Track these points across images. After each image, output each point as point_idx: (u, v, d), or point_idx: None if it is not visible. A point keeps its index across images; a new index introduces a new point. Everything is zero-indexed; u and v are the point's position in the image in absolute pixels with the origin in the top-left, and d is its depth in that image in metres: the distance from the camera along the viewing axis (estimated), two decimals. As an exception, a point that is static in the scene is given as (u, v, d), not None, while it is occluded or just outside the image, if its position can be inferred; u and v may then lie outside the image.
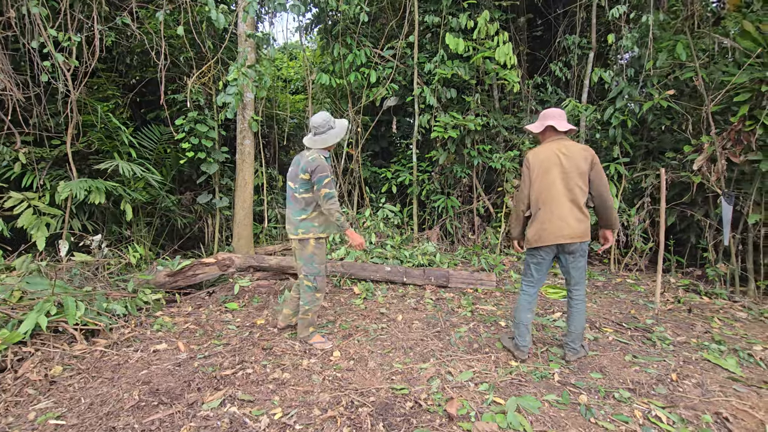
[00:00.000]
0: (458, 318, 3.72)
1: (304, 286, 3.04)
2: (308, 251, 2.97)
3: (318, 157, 2.85)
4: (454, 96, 5.99)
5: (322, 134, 2.92)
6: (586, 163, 2.69)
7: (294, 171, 2.97)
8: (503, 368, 2.76)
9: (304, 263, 3.00)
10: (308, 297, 3.05)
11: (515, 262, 5.82)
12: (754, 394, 2.41)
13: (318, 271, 3.01)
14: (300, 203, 2.93)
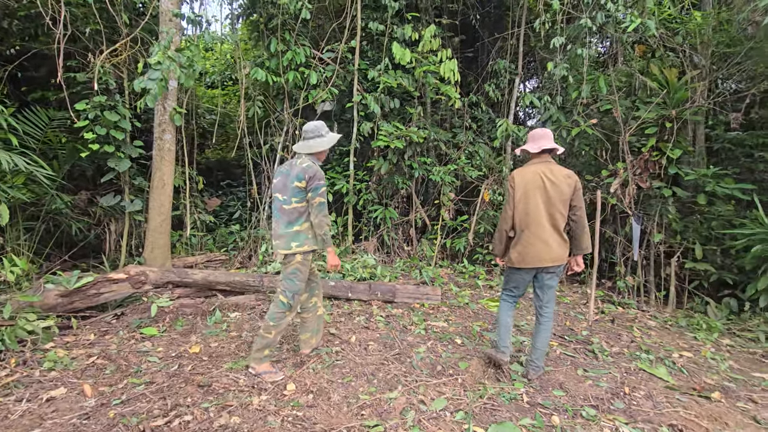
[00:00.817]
0: (413, 337, 3.57)
1: (278, 301, 2.79)
2: (292, 266, 2.76)
3: (313, 164, 2.75)
4: (397, 106, 5.93)
5: (309, 140, 2.82)
6: (570, 189, 2.73)
7: (282, 181, 2.81)
8: (472, 391, 2.66)
9: (284, 278, 2.79)
10: (277, 313, 2.77)
11: (452, 275, 5.90)
12: (695, 403, 2.64)
13: (298, 289, 2.80)
14: (291, 215, 2.74)
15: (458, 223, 6.48)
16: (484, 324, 4.03)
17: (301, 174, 2.70)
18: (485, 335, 3.69)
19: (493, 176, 6.25)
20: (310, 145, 2.81)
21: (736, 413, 2.55)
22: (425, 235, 6.79)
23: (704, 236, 5.18)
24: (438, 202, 6.48)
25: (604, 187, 5.49)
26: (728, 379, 3.14)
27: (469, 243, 6.17)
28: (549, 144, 2.82)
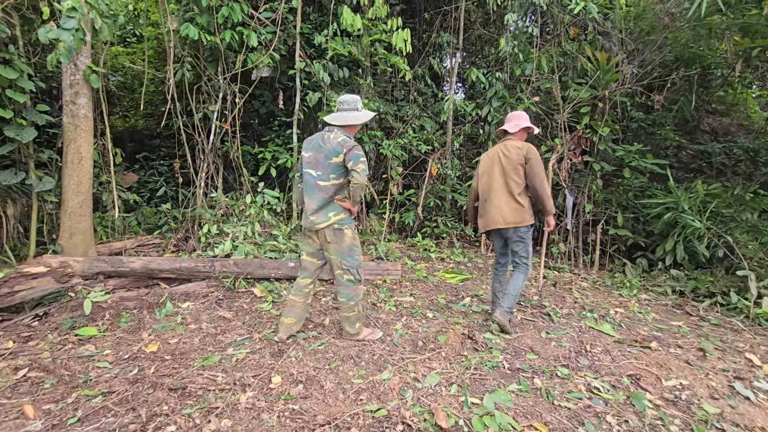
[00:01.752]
0: (385, 314, 3.56)
1: (345, 282, 2.80)
2: (346, 243, 2.74)
3: (349, 138, 2.67)
4: (346, 76, 5.64)
5: (344, 111, 2.74)
6: (519, 157, 3.13)
7: (315, 156, 2.69)
8: (457, 363, 2.74)
9: (342, 257, 2.75)
10: (351, 292, 2.82)
11: (404, 249, 5.97)
12: (642, 353, 3.02)
13: (360, 263, 2.82)
14: (327, 191, 2.67)
15: (406, 197, 6.52)
16: (447, 296, 4.16)
17: (338, 148, 2.60)
18: (452, 307, 3.81)
19: (440, 150, 6.34)
20: (345, 118, 2.70)
21: (673, 359, 2.97)
22: (372, 210, 6.74)
23: (623, 206, 5.86)
24: (386, 176, 6.43)
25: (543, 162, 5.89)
26: (656, 329, 3.65)
27: (419, 217, 6.27)
28: (525, 123, 3.28)
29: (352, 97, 2.76)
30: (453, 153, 6.33)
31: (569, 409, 2.29)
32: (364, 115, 2.79)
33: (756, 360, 3.09)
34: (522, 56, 5.50)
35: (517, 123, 3.29)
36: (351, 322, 2.89)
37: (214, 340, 2.93)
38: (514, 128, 3.29)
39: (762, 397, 2.56)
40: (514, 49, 5.36)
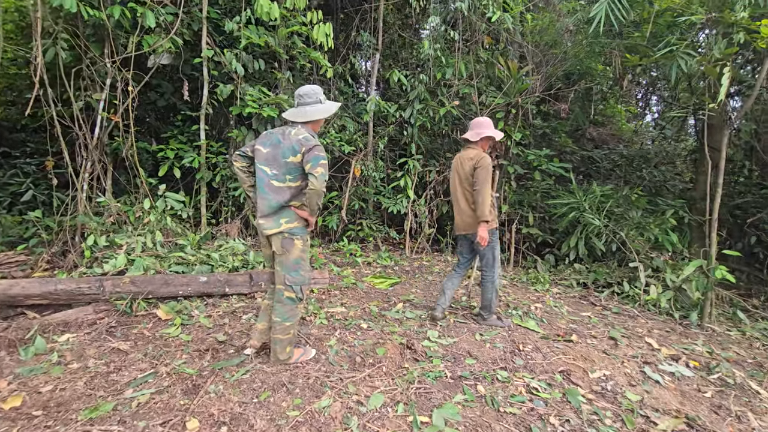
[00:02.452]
0: (317, 329, 3.26)
1: (285, 299, 2.50)
2: (294, 255, 2.45)
3: (311, 137, 2.37)
4: (262, 68, 5.17)
5: (305, 106, 2.44)
6: (470, 168, 3.27)
7: (272, 153, 2.39)
8: (400, 378, 2.58)
9: (287, 272, 2.47)
10: (289, 311, 2.51)
11: (328, 254, 5.69)
12: (569, 348, 3.17)
13: (305, 280, 2.54)
14: (282, 194, 2.39)
15: (328, 200, 6.24)
16: (379, 303, 4.00)
17: (296, 146, 2.32)
18: (386, 315, 3.66)
19: (363, 151, 6.18)
20: (308, 113, 2.42)
21: (592, 350, 3.18)
22: (293, 214, 6.33)
23: (532, 206, 6.31)
24: (308, 178, 6.07)
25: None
26: (571, 321, 3.91)
27: (343, 220, 6.04)
28: (487, 132, 3.32)
29: (312, 88, 2.47)
30: (377, 154, 6.22)
31: (515, 415, 2.26)
32: (329, 108, 2.50)
33: (654, 344, 3.45)
34: (444, 60, 5.60)
35: (478, 132, 3.32)
36: (282, 346, 2.55)
37: (105, 381, 2.37)
38: (475, 137, 3.33)
39: (668, 379, 2.83)
40: (436, 52, 5.42)
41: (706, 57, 4.21)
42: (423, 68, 5.92)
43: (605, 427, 2.19)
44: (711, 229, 4.40)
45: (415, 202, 6.24)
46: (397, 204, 5.96)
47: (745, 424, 2.36)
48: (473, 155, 3.27)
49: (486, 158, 3.21)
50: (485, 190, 3.15)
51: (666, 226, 5.35)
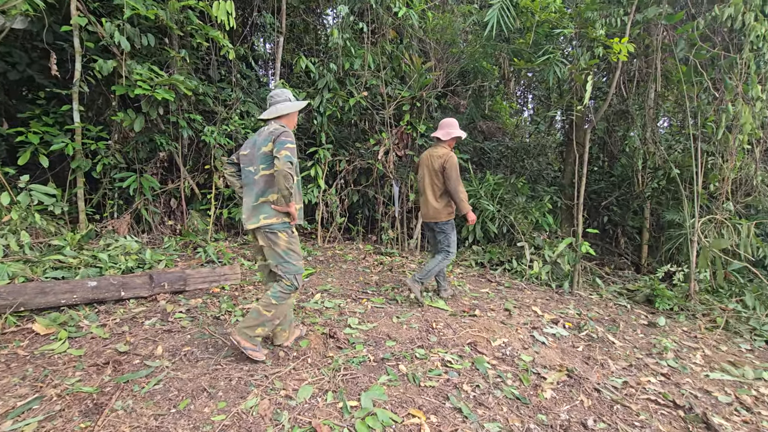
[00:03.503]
0: (233, 328, 3.12)
1: (283, 285, 2.59)
2: (281, 247, 2.56)
3: (281, 126, 2.53)
4: (152, 44, 4.60)
5: (275, 104, 2.67)
6: (438, 165, 3.66)
7: (251, 152, 2.60)
8: (326, 367, 2.63)
9: (278, 262, 2.58)
10: (281, 292, 2.58)
11: (236, 248, 5.41)
12: (474, 322, 3.55)
13: (299, 269, 2.64)
14: (259, 185, 2.54)
15: (233, 191, 5.89)
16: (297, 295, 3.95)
17: (268, 137, 2.50)
18: (305, 306, 3.65)
19: (271, 140, 5.93)
20: (278, 109, 2.65)
21: (492, 322, 3.61)
22: (192, 206, 5.84)
23: (436, 194, 6.76)
24: (209, 167, 5.64)
25: (372, 154, 6.23)
26: (474, 298, 4.37)
27: (251, 212, 5.75)
28: (455, 132, 3.76)
29: (281, 90, 2.76)
30: (285, 143, 6.02)
31: (434, 387, 2.49)
32: (297, 104, 2.73)
33: (539, 311, 4.05)
34: (353, 50, 5.62)
35: (448, 131, 3.76)
36: (253, 322, 2.52)
37: (-26, 417, 1.98)
38: (446, 136, 3.74)
39: (551, 339, 3.37)
40: (346, 42, 5.41)
41: (575, 66, 4.94)
42: (330, 56, 5.86)
43: (507, 387, 2.54)
44: (578, 212, 5.26)
45: (326, 192, 6.24)
46: (308, 194, 5.88)
47: (606, 369, 2.95)
48: (442, 154, 3.67)
49: (453, 157, 3.64)
50: (459, 187, 3.63)
51: (544, 210, 6.23)
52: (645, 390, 2.67)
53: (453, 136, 3.77)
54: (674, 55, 5.03)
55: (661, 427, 2.22)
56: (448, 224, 3.86)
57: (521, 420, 2.21)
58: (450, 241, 3.88)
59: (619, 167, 7.71)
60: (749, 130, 4.59)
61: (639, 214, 7.07)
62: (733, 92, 4.76)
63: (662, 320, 4.15)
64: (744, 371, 3.14)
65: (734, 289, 5.06)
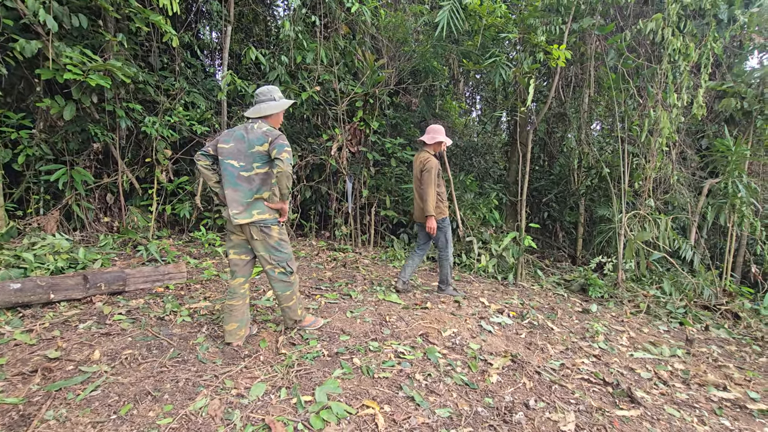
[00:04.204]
0: (180, 328, 2.99)
1: (277, 276, 2.80)
2: (273, 239, 2.71)
3: (273, 128, 2.65)
4: (84, 25, 4.23)
5: (260, 103, 2.72)
6: (420, 169, 3.89)
7: (237, 147, 2.61)
8: (279, 364, 2.60)
9: (271, 253, 2.73)
10: (284, 285, 2.83)
11: (181, 246, 5.15)
12: (425, 314, 3.66)
13: (289, 255, 2.81)
14: (252, 182, 2.61)
15: (178, 186, 5.60)
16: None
17: (262, 137, 2.58)
18: (256, 304, 3.57)
19: (219, 132, 5.69)
20: (262, 109, 2.69)
21: (443, 313, 3.74)
22: (131, 202, 5.48)
23: (389, 190, 6.86)
24: (150, 160, 5.31)
25: (325, 150, 6.18)
26: (425, 292, 4.50)
27: (197, 207, 5.51)
28: (440, 137, 3.90)
29: (267, 87, 2.77)
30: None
31: (387, 378, 2.55)
32: (281, 104, 2.76)
33: (486, 302, 4.26)
34: (305, 44, 5.53)
35: (433, 136, 3.91)
36: (293, 310, 2.94)
37: None
38: (431, 140, 3.90)
39: (497, 328, 3.56)
40: (297, 34, 5.31)
41: (518, 69, 5.22)
42: (281, 49, 5.72)
43: (457, 374, 2.66)
44: (521, 208, 5.58)
45: (278, 188, 6.09)
46: (259, 189, 5.72)
47: (546, 353, 3.17)
48: (423, 158, 3.87)
49: (431, 161, 3.81)
50: (429, 189, 3.78)
51: (490, 206, 6.53)
52: (579, 370, 2.91)
53: (437, 140, 3.91)
54: (605, 63, 5.48)
55: (592, 402, 2.45)
56: (442, 222, 4.03)
57: (470, 404, 2.33)
58: (447, 237, 4.10)
59: (557, 166, 8.26)
60: (667, 134, 5.11)
61: (575, 209, 7.62)
62: (654, 99, 5.28)
63: (594, 307, 4.53)
64: (662, 350, 3.51)
65: (654, 277, 5.63)
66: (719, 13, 5.46)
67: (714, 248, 7.46)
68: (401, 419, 2.13)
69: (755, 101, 5.94)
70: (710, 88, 6.04)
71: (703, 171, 6.77)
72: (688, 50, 4.98)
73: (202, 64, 6.49)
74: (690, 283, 5.27)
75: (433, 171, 3.81)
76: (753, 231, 5.93)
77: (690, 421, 2.40)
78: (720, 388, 2.89)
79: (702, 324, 4.46)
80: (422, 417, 2.17)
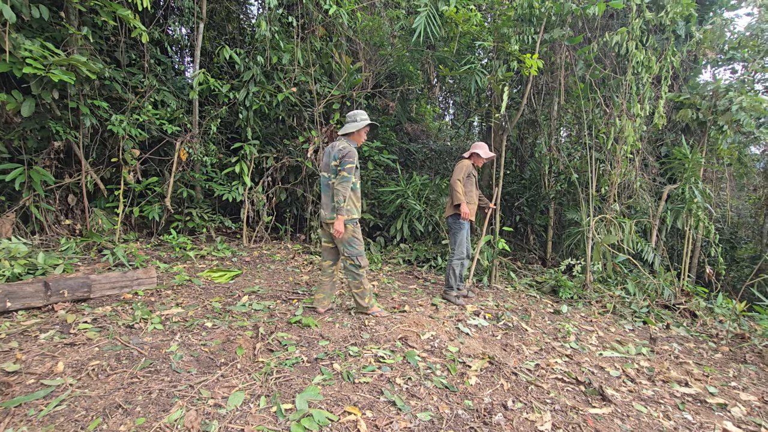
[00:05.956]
0: (151, 336, 2.87)
1: (348, 266, 3.39)
2: (347, 234, 3.28)
3: (348, 146, 3.24)
4: (45, 17, 4.00)
5: (346, 124, 3.37)
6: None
7: (326, 161, 3.34)
8: (257, 372, 2.55)
9: (344, 247, 3.33)
10: (354, 275, 3.41)
11: (150, 250, 4.95)
12: (404, 317, 3.67)
13: (359, 252, 3.36)
14: (332, 189, 3.22)
15: (146, 187, 5.38)
16: (221, 298, 3.76)
17: (336, 154, 3.22)
18: (232, 310, 3.48)
19: (190, 132, 5.52)
20: (345, 128, 3.34)
21: (421, 317, 3.77)
22: (95, 203, 5.22)
23: (365, 193, 6.86)
24: (116, 160, 5.08)
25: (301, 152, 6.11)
26: (402, 294, 4.52)
27: (167, 209, 5.30)
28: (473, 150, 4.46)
29: (355, 111, 3.40)
30: (208, 137, 5.64)
31: (368, 383, 2.54)
32: (360, 124, 3.34)
33: (462, 304, 4.32)
34: (282, 44, 5.44)
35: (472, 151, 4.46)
36: (361, 297, 3.48)
37: None
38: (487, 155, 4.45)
39: (474, 330, 3.62)
40: (274, 35, 5.23)
41: (493, 76, 5.35)
42: (257, 49, 5.61)
43: (437, 377, 2.68)
44: (495, 212, 5.70)
45: (252, 189, 5.98)
46: (233, 191, 5.59)
47: (521, 354, 3.26)
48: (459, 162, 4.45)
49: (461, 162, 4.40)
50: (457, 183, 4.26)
51: (466, 210, 6.63)
52: (553, 370, 3.00)
53: (471, 152, 4.47)
54: (575, 72, 5.70)
55: (567, 402, 2.53)
56: (455, 221, 4.32)
57: (450, 407, 2.36)
58: (456, 240, 4.34)
59: (528, 171, 8.51)
60: (631, 142, 5.37)
61: (545, 213, 7.87)
62: (619, 108, 5.54)
63: (565, 308, 4.69)
64: (628, 348, 3.68)
65: (618, 278, 5.89)
66: (677, 28, 5.81)
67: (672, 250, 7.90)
68: (383, 424, 2.13)
69: (709, 112, 6.34)
70: (669, 99, 6.40)
71: (662, 177, 7.16)
72: (651, 63, 5.26)
73: (173, 61, 6.28)
74: (652, 283, 5.55)
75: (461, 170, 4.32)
76: (707, 234, 6.32)
77: (656, 417, 2.52)
78: (682, 384, 3.05)
79: (663, 323, 4.70)
80: (404, 421, 2.17)
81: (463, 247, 4.38)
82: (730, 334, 4.53)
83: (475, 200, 4.45)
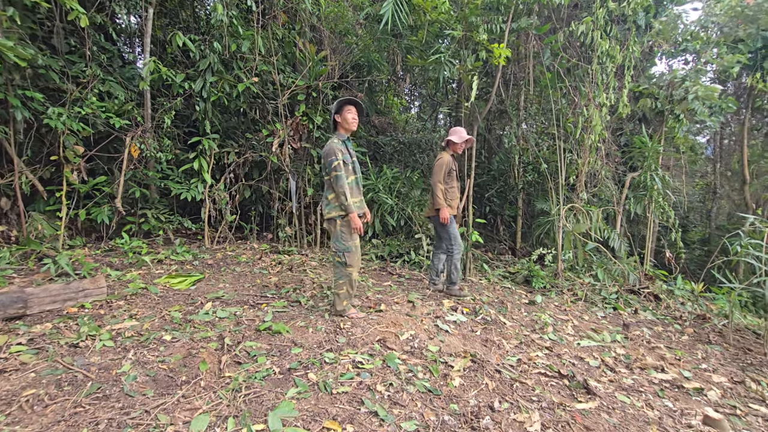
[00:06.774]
0: (99, 355, 2.55)
1: (335, 263, 3.40)
2: (336, 230, 3.33)
3: (328, 144, 3.29)
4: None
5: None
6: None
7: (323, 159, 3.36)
8: (223, 389, 2.31)
9: (334, 241, 3.38)
10: (339, 271, 3.39)
11: (99, 256, 4.52)
12: (381, 317, 3.51)
13: (346, 248, 3.34)
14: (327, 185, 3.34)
15: (93, 187, 4.91)
16: (181, 306, 3.45)
17: (321, 154, 3.58)
18: (194, 319, 3.19)
19: (142, 126, 5.07)
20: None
21: (398, 315, 3.63)
22: (32, 207, 4.71)
23: (334, 188, 6.61)
24: (57, 158, 4.58)
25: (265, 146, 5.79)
26: (377, 292, 4.36)
27: (118, 211, 4.86)
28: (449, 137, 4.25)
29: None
30: (161, 131, 5.21)
31: (347, 393, 2.37)
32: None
33: (439, 300, 4.22)
34: (241, 30, 5.08)
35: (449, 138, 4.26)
36: (339, 299, 3.42)
37: None
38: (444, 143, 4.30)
39: (452, 327, 3.52)
40: (231, 20, 4.86)
41: (463, 66, 5.25)
42: (213, 36, 5.22)
43: (419, 380, 2.55)
44: (468, 203, 5.64)
45: (213, 187, 5.60)
46: (191, 190, 5.20)
47: (502, 349, 3.18)
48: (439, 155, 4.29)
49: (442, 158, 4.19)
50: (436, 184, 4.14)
51: (438, 202, 6.55)
52: (535, 365, 2.94)
53: (446, 139, 4.28)
54: (542, 62, 5.70)
55: (553, 398, 2.46)
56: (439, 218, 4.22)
57: (436, 413, 2.22)
58: (450, 234, 4.25)
59: (496, 162, 8.54)
60: (599, 131, 5.44)
61: (514, 204, 7.94)
62: (585, 98, 5.59)
63: (539, 298, 4.70)
64: (603, 336, 3.70)
65: (586, 266, 6.00)
66: (638, 19, 5.93)
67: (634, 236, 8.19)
68: (366, 439, 1.97)
69: (666, 102, 6.55)
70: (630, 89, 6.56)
71: (624, 166, 7.37)
72: (615, 52, 5.32)
73: (119, 50, 5.76)
74: (618, 269, 5.69)
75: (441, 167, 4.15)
76: (666, 219, 6.56)
77: (640, 407, 2.50)
78: (659, 370, 3.08)
79: (632, 308, 4.81)
80: (388, 434, 2.02)
81: (459, 239, 4.32)
82: (692, 316, 4.70)
83: (458, 194, 4.40)
